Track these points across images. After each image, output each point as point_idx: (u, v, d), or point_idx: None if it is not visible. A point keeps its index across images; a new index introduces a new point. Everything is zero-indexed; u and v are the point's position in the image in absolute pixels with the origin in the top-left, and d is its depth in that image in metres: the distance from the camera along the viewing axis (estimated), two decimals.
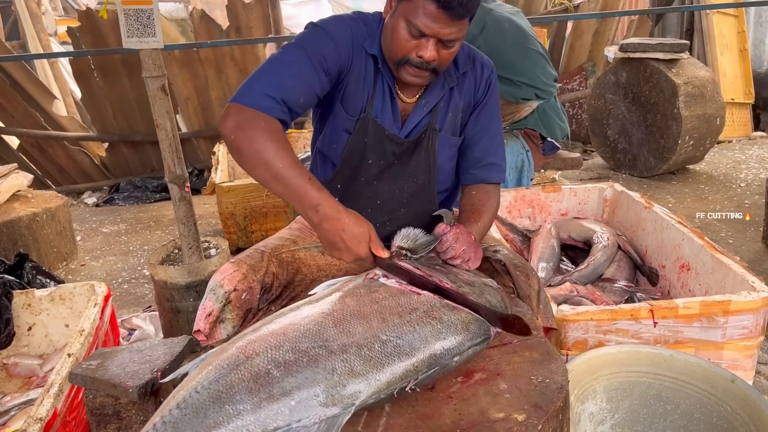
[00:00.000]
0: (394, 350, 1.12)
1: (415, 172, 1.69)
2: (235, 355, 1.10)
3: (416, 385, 1.14)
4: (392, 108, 1.64)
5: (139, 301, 3.31)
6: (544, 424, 1.08)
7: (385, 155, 1.66)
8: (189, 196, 2.53)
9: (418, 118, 1.66)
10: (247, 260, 1.62)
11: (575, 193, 3.01)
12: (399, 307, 1.22)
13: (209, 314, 1.54)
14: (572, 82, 6.39)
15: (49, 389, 1.78)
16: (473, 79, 1.71)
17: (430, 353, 1.15)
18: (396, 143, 1.65)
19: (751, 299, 1.74)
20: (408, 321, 1.18)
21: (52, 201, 3.90)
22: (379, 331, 1.15)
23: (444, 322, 1.20)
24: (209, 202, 4.94)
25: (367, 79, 1.61)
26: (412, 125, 1.67)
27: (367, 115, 1.61)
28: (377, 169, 1.67)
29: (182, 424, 1.02)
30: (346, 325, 1.16)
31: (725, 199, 4.36)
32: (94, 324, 2.15)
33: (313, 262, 1.73)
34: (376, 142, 1.64)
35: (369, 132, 1.63)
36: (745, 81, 6.29)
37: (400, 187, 1.70)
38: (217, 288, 1.56)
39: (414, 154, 1.68)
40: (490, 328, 1.25)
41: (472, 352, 1.22)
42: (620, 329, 1.78)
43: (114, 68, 5.47)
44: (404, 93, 1.64)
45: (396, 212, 1.72)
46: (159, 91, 2.38)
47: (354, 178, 1.68)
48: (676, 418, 1.69)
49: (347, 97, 1.61)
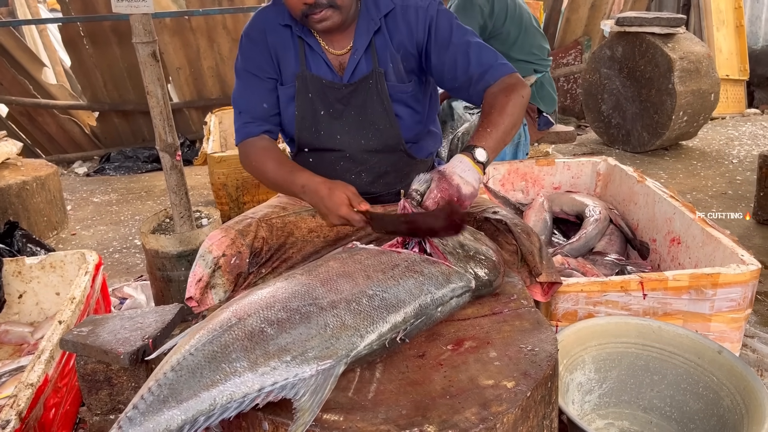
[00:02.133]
0: (381, 303, 1.17)
1: (373, 119, 1.72)
2: (227, 317, 1.11)
3: (406, 336, 1.18)
4: (326, 63, 1.71)
5: (130, 270, 3.30)
6: (533, 391, 1.09)
7: (332, 103, 1.71)
8: (180, 164, 2.51)
9: (353, 64, 1.70)
10: (235, 226, 1.65)
11: (568, 166, 3.00)
12: (381, 265, 1.27)
13: (199, 280, 1.55)
14: (567, 56, 6.34)
15: (40, 355, 1.78)
16: (406, 24, 1.69)
17: (415, 304, 1.20)
18: (337, 89, 1.70)
19: (740, 272, 1.75)
20: (391, 276, 1.23)
21: (42, 169, 3.86)
22: (366, 286, 1.19)
23: (425, 274, 1.25)
24: (201, 173, 4.91)
25: (288, 49, 1.71)
26: (350, 73, 1.70)
27: (302, 72, 1.70)
28: (331, 120, 1.72)
29: (178, 385, 1.02)
30: (334, 284, 1.20)
31: (717, 175, 4.37)
32: (85, 292, 2.14)
33: (304, 224, 1.75)
34: (320, 94, 1.70)
35: (309, 87, 1.70)
36: (740, 57, 6.26)
37: (364, 136, 1.74)
38: (206, 254, 1.57)
39: (365, 99, 1.71)
40: (471, 280, 1.28)
41: (455, 303, 1.27)
42: (610, 301, 1.80)
43: (104, 36, 5.37)
44: (332, 47, 1.71)
45: (368, 161, 1.76)
46: (150, 57, 2.34)
47: (316, 138, 1.74)
48: (663, 388, 1.72)
49: (282, 75, 1.74)
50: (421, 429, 1.00)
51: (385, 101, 1.71)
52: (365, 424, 1.02)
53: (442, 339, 1.27)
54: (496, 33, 2.84)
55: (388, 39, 1.70)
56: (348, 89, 1.70)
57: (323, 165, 1.75)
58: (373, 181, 1.79)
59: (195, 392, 1.02)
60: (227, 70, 5.79)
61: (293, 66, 1.71)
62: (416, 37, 1.70)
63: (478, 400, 1.06)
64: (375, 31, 1.68)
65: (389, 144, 1.75)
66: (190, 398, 1.01)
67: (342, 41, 1.70)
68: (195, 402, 1.01)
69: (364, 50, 1.69)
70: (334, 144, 1.74)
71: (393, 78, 1.71)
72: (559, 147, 4.68)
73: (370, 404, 1.07)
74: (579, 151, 5.13)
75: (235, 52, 1.70)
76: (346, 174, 1.75)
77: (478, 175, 1.47)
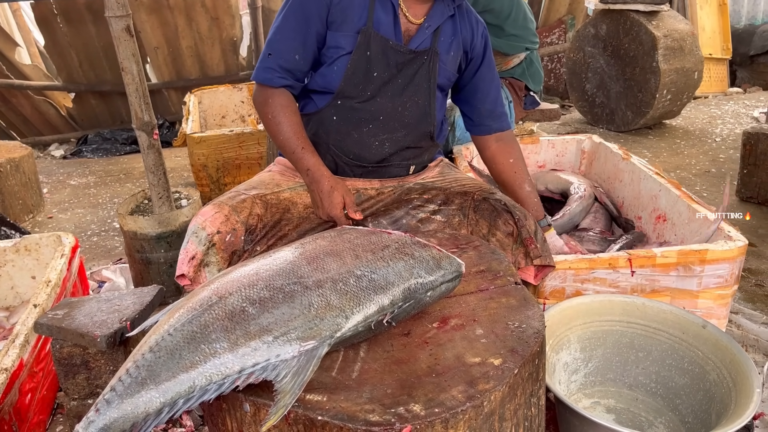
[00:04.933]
0: (369, 284, 1.13)
1: (416, 91, 1.75)
2: (207, 296, 1.08)
3: (392, 319, 1.14)
4: (395, 25, 1.70)
5: (109, 253, 3.23)
6: (520, 368, 1.07)
7: (389, 66, 1.71)
8: (158, 143, 2.45)
9: (420, 38, 1.73)
10: (228, 202, 1.60)
11: (553, 144, 2.98)
12: (371, 245, 1.23)
13: (192, 257, 1.50)
14: (551, 35, 6.31)
15: (15, 340, 1.73)
16: (469, 26, 1.82)
17: (404, 287, 1.15)
18: (400, 53, 1.71)
19: (728, 248, 1.74)
20: (381, 257, 1.19)
21: (16, 151, 3.77)
22: (354, 267, 1.15)
23: (416, 257, 1.21)
24: (181, 155, 4.83)
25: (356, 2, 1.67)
26: (415, 44, 1.73)
27: (368, 28, 1.67)
28: (381, 82, 1.71)
29: (157, 367, 0.99)
30: (320, 263, 1.16)
31: (700, 153, 4.39)
32: (61, 275, 2.08)
33: (300, 200, 1.73)
34: (380, 54, 1.69)
35: (371, 45, 1.68)
36: (723, 36, 6.28)
37: (402, 104, 1.75)
38: (199, 230, 1.52)
39: (417, 72, 1.74)
40: (461, 266, 1.24)
41: (445, 288, 1.23)
42: (598, 278, 1.78)
43: (78, 14, 5.24)
44: (410, 13, 1.72)
45: (396, 132, 1.77)
46: (123, 32, 2.27)
47: (357, 94, 1.72)
48: (648, 364, 1.71)
49: (337, 21, 1.67)
50: (406, 408, 0.97)
51: (432, 79, 1.76)
52: (349, 404, 0.99)
53: (428, 317, 1.24)
54: (489, 6, 2.78)
55: (457, 29, 1.78)
56: (407, 56, 1.71)
57: (351, 123, 1.73)
58: (393, 153, 1.79)
59: (174, 374, 0.98)
60: (206, 49, 5.69)
61: (357, 20, 1.67)
62: (474, 42, 1.83)
63: (465, 378, 1.04)
64: (449, 16, 1.75)
65: (422, 120, 1.79)
66: (169, 380, 0.98)
67: (419, 11, 1.72)
68: (174, 384, 0.98)
69: (434, 28, 1.73)
70: (374, 106, 1.73)
71: (446, 63, 1.78)
72: (543, 126, 4.66)
73: (354, 384, 1.05)
74: (563, 130, 5.12)
75: (214, 31, 1.65)
76: (371, 139, 1.76)
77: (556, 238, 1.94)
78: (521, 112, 3.14)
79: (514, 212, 1.66)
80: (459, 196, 1.74)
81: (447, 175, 1.87)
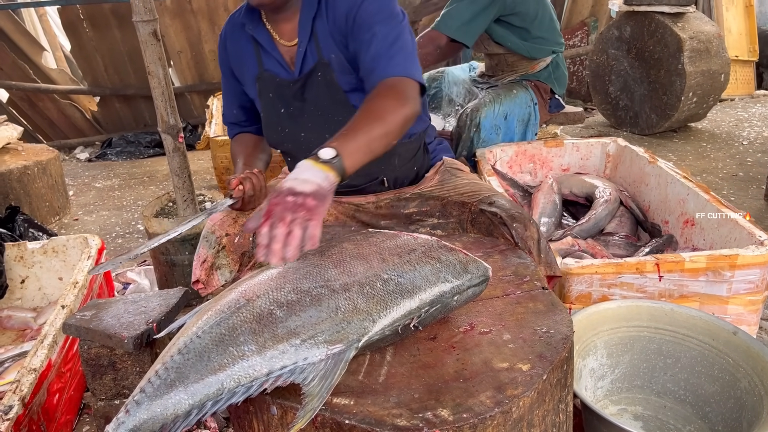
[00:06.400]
0: (396, 288, 1.11)
1: (331, 112, 1.62)
2: (235, 299, 1.08)
3: (419, 323, 1.13)
4: (277, 59, 1.65)
5: None
6: (549, 374, 1.05)
7: (293, 100, 1.65)
8: (183, 146, 2.47)
9: (300, 57, 1.61)
10: None
11: (577, 148, 2.95)
12: (398, 248, 1.21)
13: (204, 261, 1.52)
14: (574, 37, 6.25)
15: (43, 340, 1.76)
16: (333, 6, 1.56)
17: (431, 291, 1.14)
18: (289, 86, 1.64)
19: (759, 254, 1.71)
20: (408, 261, 1.17)
21: (43, 154, 3.83)
22: (380, 270, 1.14)
23: (443, 261, 1.19)
24: (204, 158, 4.87)
25: (246, 52, 1.68)
26: (299, 66, 1.63)
27: (260, 72, 1.67)
28: (292, 119, 1.66)
29: (185, 369, 0.99)
30: (347, 266, 1.15)
31: (727, 156, 4.31)
32: (88, 276, 2.11)
33: None
34: (277, 92, 1.66)
35: (268, 86, 1.67)
36: (749, 38, 6.17)
37: (328, 130, 1.49)
38: (209, 235, 1.55)
39: (317, 94, 1.61)
40: (488, 270, 1.23)
41: (472, 292, 1.21)
42: (625, 283, 1.76)
43: (104, 19, 5.31)
44: (283, 38, 1.64)
45: None
46: (150, 36, 2.29)
47: (283, 138, 1.70)
48: (677, 371, 1.68)
49: (240, 73, 1.74)
50: (434, 413, 0.96)
51: (339, 93, 1.60)
52: (377, 408, 0.98)
53: (454, 321, 1.23)
54: (516, 9, 2.76)
55: (327, 24, 1.56)
56: (298, 84, 1.61)
57: (296, 158, 1.46)
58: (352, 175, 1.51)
59: (202, 376, 0.99)
60: None
61: (252, 68, 1.69)
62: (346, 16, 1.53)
63: (493, 384, 1.02)
64: (314, 17, 1.56)
65: None
66: (198, 382, 0.98)
67: (290, 31, 1.61)
68: (202, 386, 0.98)
69: (308, 40, 1.58)
70: (299, 143, 1.66)
71: (340, 67, 1.58)
72: (566, 129, 4.61)
73: (381, 388, 1.04)
74: (586, 133, 5.07)
75: None
76: None
77: (323, 173, 1.22)
78: (546, 115, 3.12)
79: (510, 225, 1.56)
80: (457, 207, 1.67)
81: (446, 182, 1.78)
